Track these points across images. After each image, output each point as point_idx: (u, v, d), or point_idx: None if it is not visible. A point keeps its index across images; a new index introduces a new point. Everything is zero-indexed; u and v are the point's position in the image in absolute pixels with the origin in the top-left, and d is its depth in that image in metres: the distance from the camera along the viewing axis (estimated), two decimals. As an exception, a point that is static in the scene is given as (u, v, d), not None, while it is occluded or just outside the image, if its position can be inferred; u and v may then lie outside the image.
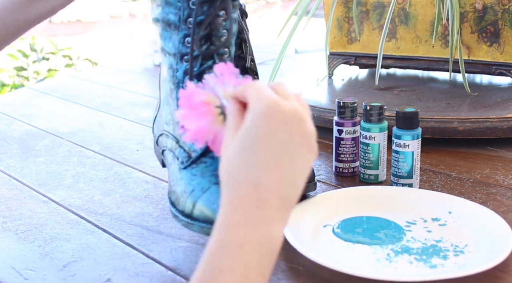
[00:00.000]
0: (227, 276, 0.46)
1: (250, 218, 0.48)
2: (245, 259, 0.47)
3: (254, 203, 0.48)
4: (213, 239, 0.48)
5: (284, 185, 0.50)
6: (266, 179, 0.49)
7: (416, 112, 0.80)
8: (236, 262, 0.46)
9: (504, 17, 1.13)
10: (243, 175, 0.49)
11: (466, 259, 0.64)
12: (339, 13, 1.27)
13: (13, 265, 0.66)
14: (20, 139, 1.11)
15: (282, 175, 0.50)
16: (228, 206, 0.49)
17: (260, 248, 0.48)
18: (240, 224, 0.48)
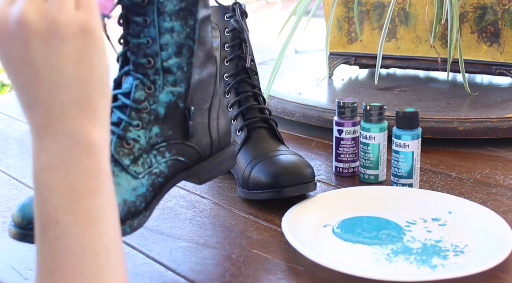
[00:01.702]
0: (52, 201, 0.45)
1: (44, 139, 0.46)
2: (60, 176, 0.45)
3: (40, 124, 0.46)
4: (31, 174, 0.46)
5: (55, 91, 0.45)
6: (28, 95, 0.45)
7: (416, 112, 0.80)
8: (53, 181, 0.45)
9: (504, 17, 1.13)
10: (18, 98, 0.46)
11: (466, 259, 0.64)
12: (339, 13, 1.27)
13: (13, 265, 0.66)
14: (20, 139, 1.11)
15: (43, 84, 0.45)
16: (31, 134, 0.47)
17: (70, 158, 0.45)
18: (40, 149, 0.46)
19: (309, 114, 1.09)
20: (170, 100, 0.66)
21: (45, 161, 0.46)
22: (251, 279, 0.63)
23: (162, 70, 0.65)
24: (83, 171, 0.46)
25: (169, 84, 0.65)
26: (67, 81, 0.45)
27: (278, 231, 0.72)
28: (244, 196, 0.80)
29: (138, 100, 0.65)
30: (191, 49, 0.65)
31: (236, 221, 0.75)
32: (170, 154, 0.66)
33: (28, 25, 0.44)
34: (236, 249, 0.68)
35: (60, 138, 0.46)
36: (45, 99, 0.45)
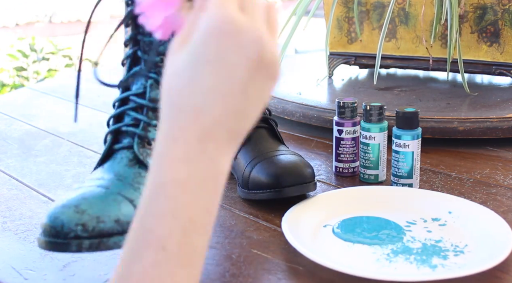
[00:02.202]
0: (170, 222, 0.41)
1: (192, 152, 0.42)
2: (188, 200, 0.42)
3: (196, 135, 0.43)
4: (151, 177, 0.43)
5: (232, 116, 0.43)
6: (212, 108, 0.43)
7: (416, 112, 0.80)
8: (179, 204, 0.42)
9: (504, 17, 1.13)
10: (185, 99, 0.43)
11: (466, 259, 0.64)
12: (339, 13, 1.27)
13: (13, 265, 0.66)
14: (20, 139, 1.11)
15: (230, 105, 0.43)
16: (166, 137, 0.43)
17: (204, 185, 0.43)
18: (181, 161, 0.42)
19: (309, 114, 1.09)
20: None
21: (182, 176, 0.42)
22: (251, 279, 0.63)
23: None
24: (208, 202, 0.43)
25: None
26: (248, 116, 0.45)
27: (278, 231, 0.72)
28: (244, 196, 0.80)
29: (155, 99, 0.64)
30: None
31: (236, 221, 0.75)
32: None
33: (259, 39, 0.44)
34: (236, 249, 0.68)
35: (206, 158, 0.43)
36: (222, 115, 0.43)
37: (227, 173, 0.45)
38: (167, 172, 0.42)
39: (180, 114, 0.43)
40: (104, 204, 0.59)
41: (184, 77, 0.43)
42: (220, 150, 0.43)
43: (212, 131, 0.43)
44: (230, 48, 0.43)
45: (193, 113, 0.43)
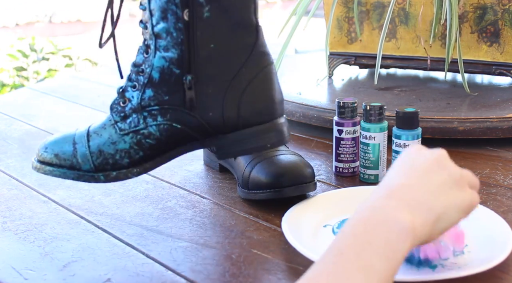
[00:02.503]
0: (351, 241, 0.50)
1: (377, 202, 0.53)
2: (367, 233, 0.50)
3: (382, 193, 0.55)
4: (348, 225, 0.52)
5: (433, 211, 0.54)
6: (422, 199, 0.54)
7: (416, 112, 0.80)
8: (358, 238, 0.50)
9: (504, 17, 1.13)
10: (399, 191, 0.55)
11: (466, 259, 0.64)
12: (339, 13, 1.27)
13: (13, 265, 0.66)
14: (20, 139, 1.11)
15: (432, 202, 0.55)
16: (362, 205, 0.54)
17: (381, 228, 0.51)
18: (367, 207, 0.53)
19: (309, 114, 1.09)
20: (163, 65, 0.68)
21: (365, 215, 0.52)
22: (251, 279, 0.63)
23: (154, 35, 0.67)
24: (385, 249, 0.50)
25: (161, 49, 0.67)
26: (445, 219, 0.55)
27: (278, 231, 0.72)
28: (244, 196, 0.80)
29: (137, 64, 0.70)
30: (176, 15, 0.65)
31: (236, 221, 0.75)
32: (163, 118, 0.68)
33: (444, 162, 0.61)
34: (236, 249, 0.68)
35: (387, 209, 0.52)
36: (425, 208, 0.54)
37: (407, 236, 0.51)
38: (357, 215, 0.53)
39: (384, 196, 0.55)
40: (58, 140, 0.72)
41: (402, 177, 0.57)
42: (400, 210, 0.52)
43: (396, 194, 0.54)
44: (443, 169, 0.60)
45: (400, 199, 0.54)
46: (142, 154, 0.69)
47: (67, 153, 0.71)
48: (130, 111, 0.69)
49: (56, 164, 0.72)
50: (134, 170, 0.70)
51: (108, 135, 0.70)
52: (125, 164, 0.69)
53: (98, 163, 0.69)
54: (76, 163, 0.70)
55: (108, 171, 0.70)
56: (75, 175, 0.71)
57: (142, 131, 0.69)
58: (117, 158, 0.69)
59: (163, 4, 0.66)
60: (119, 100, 0.71)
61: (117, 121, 0.70)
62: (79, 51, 3.95)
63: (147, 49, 0.69)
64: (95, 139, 0.70)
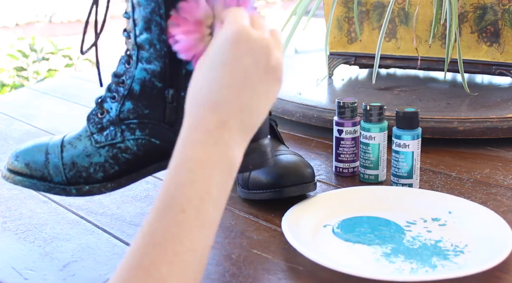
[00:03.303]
0: (190, 191, 0.49)
1: (210, 137, 0.51)
2: (205, 174, 0.50)
3: (213, 124, 0.51)
4: (174, 157, 0.51)
5: (244, 110, 0.52)
6: (227, 102, 0.52)
7: (416, 112, 0.80)
8: (198, 177, 0.49)
9: (504, 17, 1.13)
10: (205, 97, 0.52)
11: (466, 259, 0.64)
12: (339, 13, 1.27)
13: (13, 265, 0.66)
14: (20, 139, 1.11)
15: (243, 100, 0.52)
16: (189, 126, 0.52)
17: (220, 165, 0.50)
18: (199, 143, 0.51)
19: (309, 114, 1.09)
20: (144, 77, 0.65)
21: (201, 155, 0.50)
22: (251, 279, 0.63)
23: (136, 45, 0.65)
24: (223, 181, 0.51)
25: (143, 61, 0.64)
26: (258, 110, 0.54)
27: (278, 231, 0.72)
28: (244, 196, 0.80)
29: (118, 74, 0.67)
30: (160, 26, 0.63)
31: (236, 221, 0.75)
32: (141, 133, 0.65)
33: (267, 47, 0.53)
34: (236, 249, 0.68)
35: (222, 144, 0.51)
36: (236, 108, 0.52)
37: (239, 162, 0.52)
38: (188, 152, 0.50)
39: (200, 108, 0.52)
40: (30, 149, 0.69)
41: (204, 78, 0.53)
42: (234, 139, 0.52)
43: (227, 121, 0.51)
44: (243, 52, 0.52)
45: (211, 107, 0.52)
46: (118, 168, 0.66)
47: (39, 163, 0.68)
48: (108, 123, 0.66)
49: (26, 174, 0.68)
50: (108, 185, 0.66)
51: (83, 147, 0.66)
52: (99, 178, 0.66)
53: (70, 176, 0.66)
54: (47, 174, 0.67)
55: (81, 185, 0.66)
56: (46, 187, 0.68)
57: (119, 145, 0.65)
58: (91, 171, 0.66)
59: (147, 14, 0.63)
60: (97, 111, 0.67)
61: (94, 133, 0.67)
62: (79, 51, 3.95)
63: (129, 60, 0.66)
64: (69, 150, 0.67)
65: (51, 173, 0.67)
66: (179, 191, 0.49)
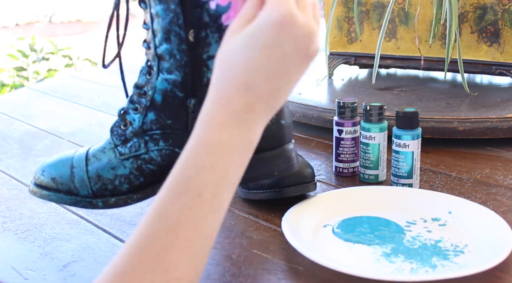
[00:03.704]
0: (208, 175, 0.48)
1: (235, 120, 0.50)
2: (225, 159, 0.49)
3: (241, 106, 0.50)
4: (194, 136, 0.50)
5: (274, 96, 0.51)
6: (259, 86, 0.50)
7: (416, 112, 0.80)
8: (218, 161, 0.49)
9: (504, 17, 1.13)
10: (237, 76, 0.50)
11: (466, 259, 0.64)
12: (339, 13, 1.27)
13: (13, 265, 0.66)
14: (20, 139, 1.11)
15: (276, 86, 0.51)
16: (215, 104, 0.50)
17: (240, 149, 0.50)
18: (224, 125, 0.50)
19: (309, 114, 1.09)
20: (166, 88, 0.64)
21: (224, 137, 0.49)
22: (251, 279, 0.63)
23: (156, 56, 0.64)
24: (240, 164, 0.51)
25: (164, 71, 0.64)
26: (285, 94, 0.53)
27: (278, 231, 0.72)
28: (244, 196, 0.80)
29: (140, 85, 0.67)
30: (179, 36, 0.63)
31: (236, 221, 0.75)
32: (165, 143, 0.65)
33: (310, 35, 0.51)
34: (236, 249, 0.68)
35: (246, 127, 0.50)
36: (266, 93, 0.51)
37: (257, 140, 0.52)
38: (212, 133, 0.49)
39: (231, 87, 0.50)
40: (55, 163, 0.69)
41: (240, 57, 0.50)
42: (258, 122, 0.51)
43: (255, 105, 0.50)
44: (286, 38, 0.50)
45: (243, 88, 0.50)
46: (143, 180, 0.66)
47: (64, 177, 0.68)
48: (131, 134, 0.66)
49: (52, 188, 0.68)
50: (134, 196, 0.66)
51: (108, 160, 0.66)
52: (124, 190, 0.66)
53: (96, 189, 0.66)
54: (73, 188, 0.67)
55: (107, 197, 0.66)
56: (73, 201, 0.68)
57: (143, 156, 0.65)
58: (116, 184, 0.66)
59: (165, 24, 0.63)
60: (120, 123, 0.67)
61: (117, 145, 0.66)
62: (79, 51, 3.95)
63: (150, 71, 0.66)
64: (94, 163, 0.67)
65: (77, 187, 0.67)
66: (197, 174, 0.48)
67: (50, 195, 0.68)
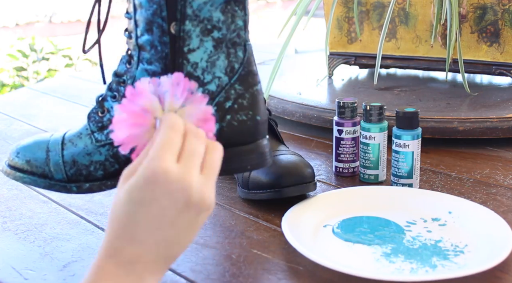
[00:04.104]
0: None
1: (123, 270, 0.50)
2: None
3: (128, 257, 0.51)
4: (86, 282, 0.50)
5: (163, 246, 0.52)
6: (143, 238, 0.51)
7: (416, 112, 0.80)
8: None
9: (504, 17, 1.13)
10: (121, 226, 0.51)
11: (466, 259, 0.64)
12: (339, 13, 1.27)
13: (13, 265, 0.66)
14: (20, 139, 1.11)
15: (162, 237, 0.51)
16: (104, 253, 0.51)
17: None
18: (114, 274, 0.50)
19: (309, 114, 1.09)
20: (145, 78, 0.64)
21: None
22: (251, 279, 0.63)
23: (137, 46, 0.65)
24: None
25: (144, 62, 0.64)
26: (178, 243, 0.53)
27: (278, 231, 0.72)
28: (244, 196, 0.80)
29: (119, 74, 0.67)
30: (162, 28, 0.63)
31: (236, 221, 0.75)
32: None
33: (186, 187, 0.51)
34: (236, 249, 0.68)
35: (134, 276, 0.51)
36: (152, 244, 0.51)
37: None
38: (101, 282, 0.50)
39: (116, 238, 0.51)
40: (30, 146, 0.70)
41: (122, 210, 0.51)
42: (150, 270, 0.51)
43: (142, 255, 0.51)
44: (161, 194, 0.50)
45: (128, 239, 0.51)
46: (118, 167, 0.66)
47: (40, 160, 0.68)
48: (108, 121, 0.67)
49: (27, 170, 0.69)
50: (108, 183, 0.67)
51: (84, 145, 0.67)
52: (99, 176, 0.67)
53: (71, 174, 0.67)
54: (48, 172, 0.68)
55: (81, 182, 0.67)
56: (46, 184, 0.68)
57: None
58: (91, 169, 0.66)
59: (148, 15, 0.63)
60: (97, 110, 0.68)
61: (94, 131, 0.67)
62: (79, 51, 3.95)
63: (130, 60, 0.66)
64: (70, 148, 0.67)
65: (51, 171, 0.68)
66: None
67: (24, 177, 0.69)
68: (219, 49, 0.64)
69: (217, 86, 0.64)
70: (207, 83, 0.64)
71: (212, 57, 0.64)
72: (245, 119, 0.65)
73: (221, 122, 0.64)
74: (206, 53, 0.63)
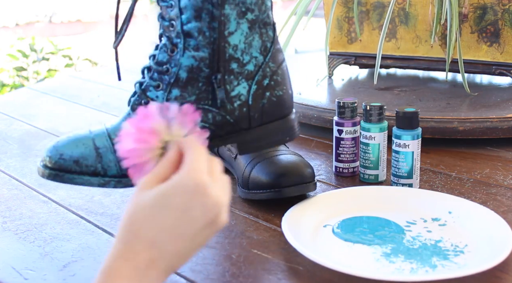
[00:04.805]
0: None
1: (137, 275, 0.50)
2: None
3: (145, 262, 0.51)
4: None
5: (177, 256, 0.52)
6: (164, 245, 0.51)
7: (416, 112, 0.80)
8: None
9: (504, 17, 1.13)
10: (144, 231, 0.51)
11: (466, 259, 0.64)
12: (339, 13, 1.27)
13: (13, 265, 0.66)
14: (20, 139, 1.11)
15: (180, 247, 0.52)
16: (119, 257, 0.51)
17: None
18: (127, 278, 0.50)
19: (309, 114, 1.09)
20: (192, 64, 0.67)
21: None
22: (251, 279, 0.63)
23: (182, 33, 0.66)
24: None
25: (190, 48, 0.66)
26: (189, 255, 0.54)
27: (278, 231, 0.72)
28: (244, 196, 0.80)
29: (161, 62, 0.68)
30: (211, 14, 0.65)
31: (236, 221, 0.75)
32: None
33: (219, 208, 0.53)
34: (236, 249, 0.68)
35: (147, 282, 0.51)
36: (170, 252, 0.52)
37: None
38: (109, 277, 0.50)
39: (136, 241, 0.51)
40: (73, 145, 0.68)
41: (149, 213, 0.51)
42: (158, 279, 0.52)
43: (158, 261, 0.51)
44: (197, 204, 0.52)
45: (149, 244, 0.51)
46: None
47: (90, 158, 0.67)
48: None
49: (76, 171, 0.67)
50: None
51: None
52: None
53: None
54: (100, 169, 0.67)
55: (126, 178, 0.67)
56: (101, 182, 0.67)
57: None
58: None
59: (198, 3, 0.65)
60: (140, 100, 0.68)
61: None
62: (79, 51, 3.95)
63: (173, 48, 0.67)
64: None
65: (105, 167, 0.67)
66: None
67: (74, 178, 0.68)
68: (253, 30, 0.67)
69: (255, 66, 0.68)
70: (246, 63, 0.67)
71: (248, 38, 0.67)
72: (281, 94, 0.70)
73: (261, 99, 0.68)
74: (243, 35, 0.67)
